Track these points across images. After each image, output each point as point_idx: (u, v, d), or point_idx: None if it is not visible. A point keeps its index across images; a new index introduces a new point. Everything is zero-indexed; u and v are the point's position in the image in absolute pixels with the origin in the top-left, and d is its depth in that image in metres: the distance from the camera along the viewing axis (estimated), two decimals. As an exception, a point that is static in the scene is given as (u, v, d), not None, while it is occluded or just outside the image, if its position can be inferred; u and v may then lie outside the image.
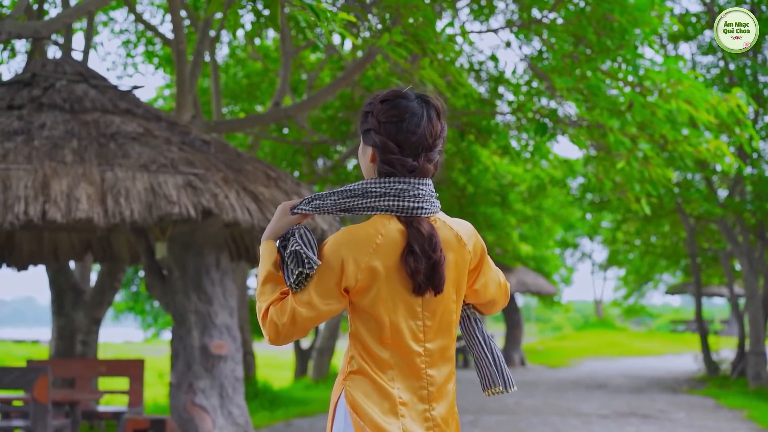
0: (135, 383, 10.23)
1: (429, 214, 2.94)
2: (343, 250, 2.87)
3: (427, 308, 2.94)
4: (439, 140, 2.99)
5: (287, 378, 23.62)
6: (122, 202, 7.93)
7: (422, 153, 2.93)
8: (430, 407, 2.94)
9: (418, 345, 2.93)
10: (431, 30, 7.15)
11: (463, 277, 3.02)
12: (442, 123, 3.01)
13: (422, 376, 2.94)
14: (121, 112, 9.37)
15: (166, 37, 14.08)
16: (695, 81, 9.54)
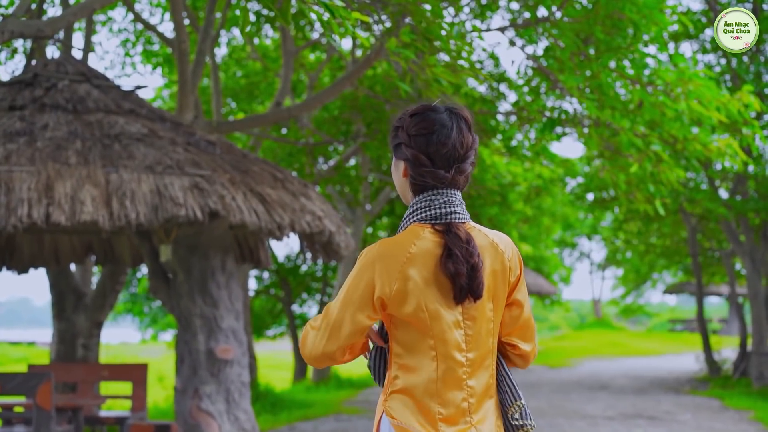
0: (138, 388, 10.08)
1: (463, 220, 2.93)
2: (377, 263, 2.88)
3: (467, 317, 2.90)
4: (471, 151, 2.98)
5: (286, 379, 23.51)
6: (128, 204, 7.78)
7: (453, 164, 2.94)
8: (471, 419, 2.89)
9: (461, 355, 2.90)
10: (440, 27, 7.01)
11: (500, 285, 2.96)
12: (472, 134, 2.99)
13: (463, 387, 2.90)
14: (124, 112, 9.22)
15: (165, 37, 13.92)
16: (705, 79, 9.41)
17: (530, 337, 3.09)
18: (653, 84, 9.72)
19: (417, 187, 2.96)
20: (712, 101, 9.38)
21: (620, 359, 31.43)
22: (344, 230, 9.45)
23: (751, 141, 10.68)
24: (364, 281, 2.87)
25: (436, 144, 2.91)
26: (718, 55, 17.88)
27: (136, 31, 18.55)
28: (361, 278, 2.88)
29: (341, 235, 9.29)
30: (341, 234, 9.30)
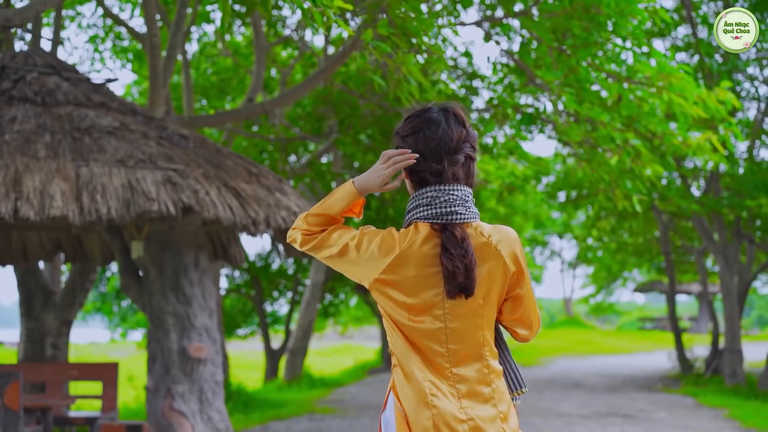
0: (109, 387, 9.86)
1: (464, 220, 3.04)
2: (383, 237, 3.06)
3: (451, 311, 3.03)
4: (464, 144, 3.09)
5: (257, 379, 23.32)
6: (98, 198, 7.58)
7: (445, 157, 3.05)
8: (460, 404, 3.01)
9: (440, 346, 3.04)
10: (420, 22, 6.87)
11: (495, 283, 3.07)
12: (466, 128, 3.11)
13: (448, 375, 3.03)
14: (95, 105, 9.00)
15: (136, 32, 13.70)
16: (685, 75, 9.34)
17: (529, 325, 3.21)
18: (632, 79, 9.64)
19: (417, 184, 3.10)
20: (691, 96, 9.31)
21: (592, 357, 31.44)
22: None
23: (726, 138, 10.62)
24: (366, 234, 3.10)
25: (425, 139, 3.05)
26: (690, 54, 17.87)
27: (105, 27, 18.30)
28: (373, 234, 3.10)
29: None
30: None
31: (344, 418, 13.66)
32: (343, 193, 3.12)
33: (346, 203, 3.11)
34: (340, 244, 3.10)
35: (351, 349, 41.53)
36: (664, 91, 9.09)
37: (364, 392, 18.42)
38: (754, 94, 18.93)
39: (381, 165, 3.07)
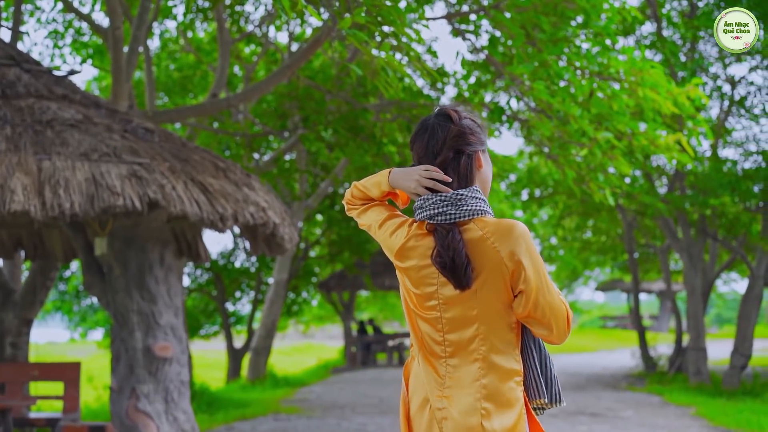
0: (70, 388, 9.63)
1: (454, 219, 3.10)
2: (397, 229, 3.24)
3: (445, 302, 3.12)
4: (451, 141, 3.15)
5: (219, 378, 23.09)
6: (61, 193, 7.34)
7: (433, 159, 3.15)
8: (443, 393, 3.11)
9: (438, 334, 3.14)
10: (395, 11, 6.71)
11: (491, 277, 3.08)
12: (455, 124, 3.17)
13: (443, 364, 3.13)
14: (57, 97, 8.75)
15: (98, 26, 13.44)
16: (656, 71, 9.28)
17: (547, 325, 3.11)
18: (603, 75, 9.56)
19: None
20: (663, 92, 9.25)
21: (554, 356, 31.34)
22: (288, 222, 9.10)
23: (695, 134, 10.58)
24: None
25: (418, 146, 3.18)
26: (653, 52, 17.87)
27: (65, 22, 17.99)
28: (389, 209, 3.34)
29: (285, 227, 8.93)
30: (285, 226, 8.95)
31: (310, 418, 13.49)
32: (377, 180, 3.29)
33: (377, 192, 3.29)
34: (371, 221, 3.31)
35: (313, 348, 41.36)
36: (639, 87, 9.02)
37: (328, 392, 18.26)
38: (717, 93, 19.00)
39: (422, 171, 3.15)
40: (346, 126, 13.45)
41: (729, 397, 16.01)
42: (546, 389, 3.17)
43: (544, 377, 3.18)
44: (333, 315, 37.01)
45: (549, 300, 3.09)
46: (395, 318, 45.53)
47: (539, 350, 3.20)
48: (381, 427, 12.35)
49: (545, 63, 9.25)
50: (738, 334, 18.16)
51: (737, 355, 17.92)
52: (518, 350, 3.15)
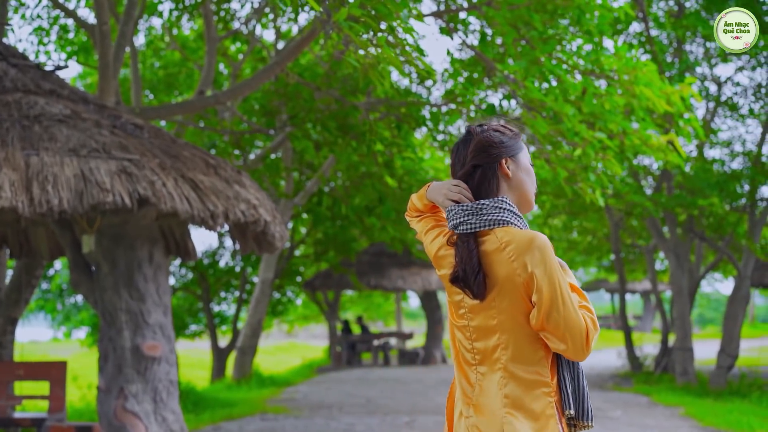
0: (56, 387, 9.49)
1: (474, 228, 3.15)
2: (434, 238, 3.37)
3: (470, 311, 3.18)
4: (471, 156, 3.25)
5: (204, 378, 22.96)
6: (50, 189, 7.20)
7: (457, 175, 3.29)
8: (472, 401, 3.14)
9: (467, 342, 3.19)
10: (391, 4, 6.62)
11: (506, 287, 3.10)
12: (475, 136, 3.27)
13: (473, 370, 3.17)
14: (45, 92, 8.61)
15: (84, 22, 13.28)
16: (650, 69, 9.23)
17: (562, 338, 3.06)
18: (596, 73, 9.50)
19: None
20: (656, 90, 9.20)
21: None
22: (279, 220, 8.98)
23: (686, 135, 10.54)
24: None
25: (451, 162, 3.35)
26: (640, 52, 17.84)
27: (50, 18, 17.82)
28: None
29: (276, 225, 8.80)
30: (276, 224, 8.83)
31: (298, 418, 13.39)
32: (421, 193, 3.45)
33: (421, 204, 3.45)
34: (420, 231, 3.45)
35: (297, 347, 41.25)
36: (633, 85, 8.96)
37: (315, 391, 18.15)
38: (703, 93, 18.99)
39: (450, 185, 3.27)
40: (335, 124, 13.35)
41: (716, 398, 15.99)
42: (573, 402, 3.15)
43: (572, 390, 3.17)
44: (317, 314, 36.89)
45: (564, 314, 3.04)
46: (380, 317, 45.44)
47: (568, 362, 3.19)
48: (370, 427, 12.26)
49: (537, 61, 9.17)
50: (724, 334, 18.16)
51: (724, 355, 17.92)
52: (546, 361, 3.13)
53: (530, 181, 3.30)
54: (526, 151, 3.34)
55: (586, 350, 3.05)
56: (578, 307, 3.08)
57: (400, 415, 13.61)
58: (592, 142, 8.97)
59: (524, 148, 3.33)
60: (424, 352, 27.29)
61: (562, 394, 3.12)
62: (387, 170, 17.66)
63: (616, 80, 9.20)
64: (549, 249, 3.07)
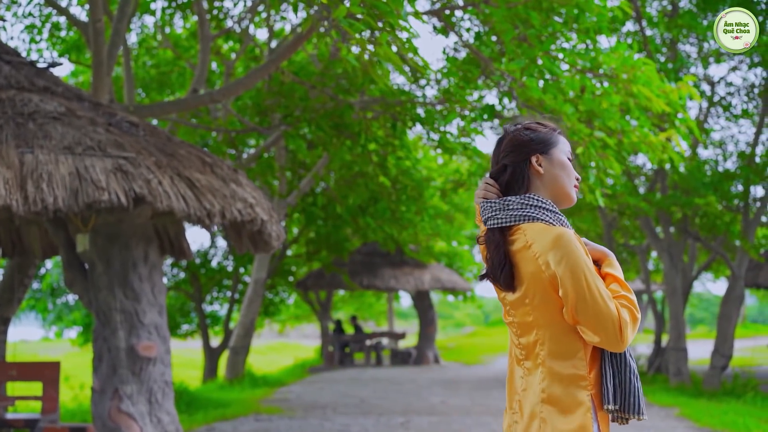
0: (50, 388, 9.38)
1: (502, 223, 3.20)
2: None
3: (512, 306, 3.22)
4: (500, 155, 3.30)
5: (196, 378, 22.86)
6: (44, 187, 7.11)
7: (490, 173, 3.35)
8: (519, 396, 3.21)
9: (515, 338, 3.23)
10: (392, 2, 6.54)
11: (534, 283, 3.13)
12: (505, 134, 3.34)
13: (521, 365, 3.21)
14: (39, 90, 8.51)
15: (77, 19, 13.17)
16: (649, 68, 9.17)
17: (594, 330, 3.06)
18: (594, 71, 9.44)
19: None
20: (655, 89, 9.14)
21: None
22: (276, 219, 8.90)
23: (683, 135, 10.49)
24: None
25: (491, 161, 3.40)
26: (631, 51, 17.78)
27: (42, 16, 17.70)
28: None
29: (273, 224, 8.72)
30: (273, 223, 8.74)
31: (292, 419, 13.30)
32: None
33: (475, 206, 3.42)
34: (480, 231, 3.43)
35: (288, 347, 41.18)
36: (631, 84, 8.91)
37: (308, 391, 18.06)
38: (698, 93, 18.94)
39: (482, 183, 3.34)
40: (330, 123, 13.26)
41: (710, 398, 15.95)
42: (616, 397, 3.13)
43: (615, 384, 3.14)
44: (309, 314, 36.79)
45: (593, 306, 3.04)
46: (371, 317, 45.36)
47: (613, 356, 3.17)
48: (364, 428, 12.18)
49: (535, 59, 9.11)
50: (718, 334, 18.13)
51: (718, 355, 17.89)
52: (585, 354, 3.13)
53: (565, 176, 3.28)
54: (563, 145, 3.33)
55: (621, 341, 3.04)
56: (612, 297, 3.07)
57: (395, 415, 13.53)
58: (593, 141, 8.91)
59: (559, 143, 3.32)
60: (416, 352, 27.23)
61: (602, 389, 3.11)
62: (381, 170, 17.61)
63: (615, 78, 9.13)
64: (571, 244, 3.07)
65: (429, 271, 26.61)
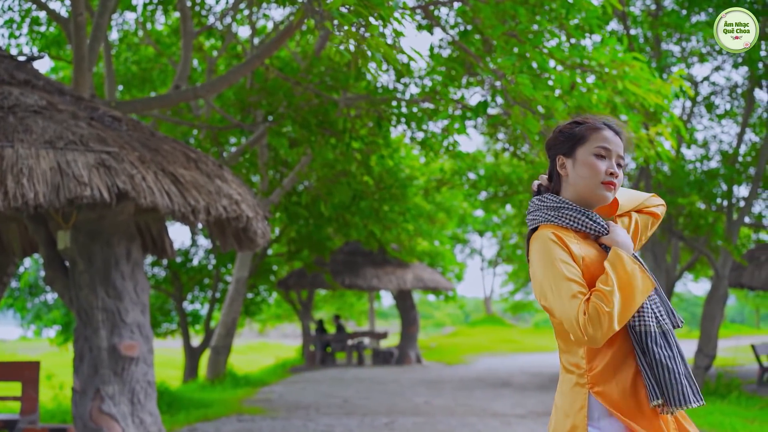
0: (29, 388, 9.17)
1: (529, 226, 3.31)
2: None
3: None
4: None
5: (176, 377, 22.67)
6: (25, 182, 6.93)
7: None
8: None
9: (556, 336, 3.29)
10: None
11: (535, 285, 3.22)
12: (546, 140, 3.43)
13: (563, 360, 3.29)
14: (19, 83, 8.32)
15: (57, 14, 12.98)
16: (640, 62, 9.08)
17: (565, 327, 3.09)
18: (584, 66, 9.34)
19: None
20: (645, 84, 9.05)
21: (514, 355, 31.40)
22: (261, 216, 8.74)
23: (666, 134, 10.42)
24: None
25: None
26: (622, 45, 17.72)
27: (21, 11, 17.47)
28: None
29: (259, 221, 8.57)
30: (259, 220, 8.59)
31: (275, 419, 13.14)
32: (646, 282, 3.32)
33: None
34: None
35: (269, 347, 41.02)
36: (618, 80, 8.81)
37: (290, 391, 17.90)
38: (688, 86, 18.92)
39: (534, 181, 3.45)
40: (315, 120, 13.12)
41: (694, 398, 15.87)
42: (660, 391, 3.08)
43: (655, 379, 3.09)
44: (290, 314, 36.62)
45: (557, 306, 3.10)
46: (352, 317, 45.22)
47: (646, 353, 3.14)
48: (349, 428, 12.04)
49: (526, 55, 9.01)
50: (702, 334, 18.09)
51: (701, 355, 17.85)
52: (584, 351, 3.15)
53: (591, 175, 3.22)
54: (594, 141, 3.25)
55: (584, 337, 3.00)
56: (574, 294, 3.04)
57: (379, 416, 13.40)
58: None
59: (589, 140, 3.26)
60: (398, 352, 27.11)
61: (645, 384, 3.10)
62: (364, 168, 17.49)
63: (605, 74, 9.03)
64: (543, 244, 3.14)
65: (411, 271, 26.49)
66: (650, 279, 3.12)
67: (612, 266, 3.09)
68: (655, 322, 3.15)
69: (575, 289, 3.06)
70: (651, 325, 3.16)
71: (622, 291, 3.05)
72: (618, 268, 3.08)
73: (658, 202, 3.49)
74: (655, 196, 3.48)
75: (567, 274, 3.08)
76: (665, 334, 3.16)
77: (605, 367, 3.11)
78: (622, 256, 3.12)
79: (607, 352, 3.13)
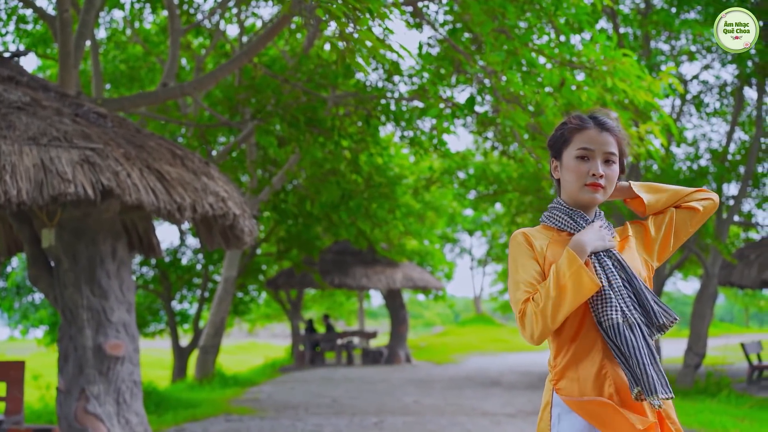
0: (14, 388, 9.06)
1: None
2: None
3: None
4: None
5: (164, 377, 22.56)
6: (7, 179, 6.83)
7: None
8: None
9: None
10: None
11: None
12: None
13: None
14: (3, 79, 8.22)
15: (43, 11, 12.87)
16: (630, 59, 9.03)
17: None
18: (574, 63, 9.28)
19: None
20: (636, 81, 9.00)
21: (503, 355, 31.35)
22: (248, 214, 8.65)
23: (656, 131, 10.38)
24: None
25: None
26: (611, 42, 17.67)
27: (7, 9, 17.36)
28: None
29: (246, 219, 8.48)
30: (246, 218, 8.50)
31: (263, 419, 13.05)
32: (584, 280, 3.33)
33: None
34: None
35: (258, 346, 40.91)
36: (608, 77, 8.76)
37: (279, 391, 17.81)
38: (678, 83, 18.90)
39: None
40: (303, 118, 13.04)
41: (684, 397, 15.86)
42: (635, 381, 3.09)
43: (630, 370, 3.10)
44: (279, 313, 36.52)
45: (512, 306, 3.22)
46: (342, 316, 45.14)
47: (622, 346, 3.13)
48: (338, 428, 11.96)
49: (515, 51, 8.95)
50: (692, 333, 18.06)
51: (691, 354, 17.82)
52: (553, 346, 3.24)
53: (574, 179, 3.24)
54: (577, 143, 3.24)
55: (523, 335, 3.14)
56: (521, 295, 3.15)
57: (369, 415, 13.33)
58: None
59: (572, 142, 3.25)
60: (387, 352, 27.04)
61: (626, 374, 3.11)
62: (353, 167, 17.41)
63: (595, 71, 8.98)
64: (510, 246, 3.26)
65: (401, 270, 26.42)
66: (592, 279, 3.05)
67: (555, 266, 3.11)
68: (620, 315, 3.12)
69: (522, 289, 3.14)
70: (615, 317, 3.13)
71: (557, 290, 3.06)
72: (559, 268, 3.09)
73: (702, 196, 3.41)
74: (703, 191, 3.42)
75: (519, 276, 3.17)
76: (631, 327, 3.12)
77: (567, 362, 3.16)
78: (565, 255, 3.12)
79: (569, 347, 3.17)
